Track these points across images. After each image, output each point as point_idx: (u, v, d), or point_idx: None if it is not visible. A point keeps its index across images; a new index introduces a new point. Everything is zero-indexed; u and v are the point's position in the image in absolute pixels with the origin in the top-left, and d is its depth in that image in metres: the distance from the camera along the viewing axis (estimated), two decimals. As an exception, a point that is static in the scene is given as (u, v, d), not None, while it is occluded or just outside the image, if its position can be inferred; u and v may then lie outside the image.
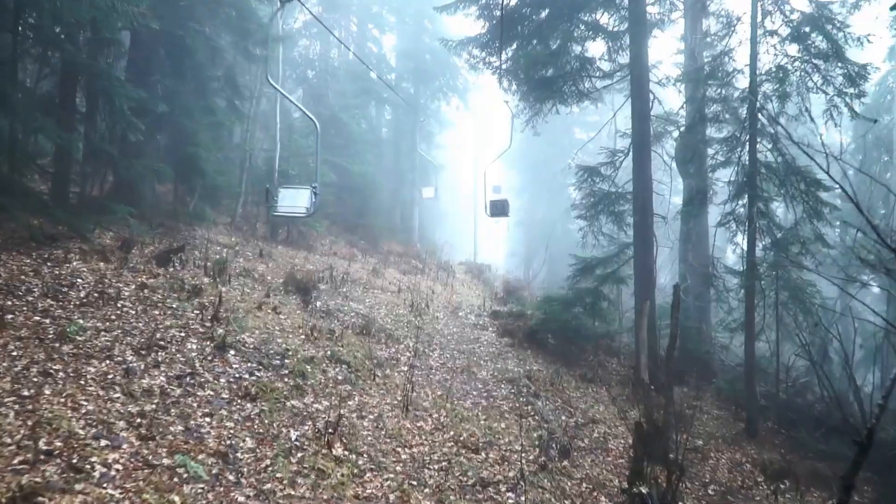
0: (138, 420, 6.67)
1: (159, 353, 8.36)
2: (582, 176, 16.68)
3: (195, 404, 7.50)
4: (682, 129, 19.44)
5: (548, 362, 15.75)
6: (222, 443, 6.89)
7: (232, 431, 7.22)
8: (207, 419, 7.28)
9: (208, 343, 9.20)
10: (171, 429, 6.77)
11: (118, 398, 6.97)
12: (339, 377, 10.15)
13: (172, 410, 7.16)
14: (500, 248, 57.90)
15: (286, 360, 9.72)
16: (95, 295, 9.42)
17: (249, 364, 9.14)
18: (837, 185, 6.34)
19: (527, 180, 43.72)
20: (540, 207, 42.82)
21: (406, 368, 12.18)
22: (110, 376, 7.37)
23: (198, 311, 10.23)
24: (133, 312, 9.37)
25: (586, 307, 17.01)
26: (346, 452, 7.80)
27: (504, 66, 18.18)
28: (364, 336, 13.23)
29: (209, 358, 8.83)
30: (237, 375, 8.66)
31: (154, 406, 7.05)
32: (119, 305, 9.40)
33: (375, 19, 36.51)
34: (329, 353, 10.76)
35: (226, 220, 20.37)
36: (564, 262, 40.63)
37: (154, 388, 7.47)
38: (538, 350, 16.43)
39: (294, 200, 10.85)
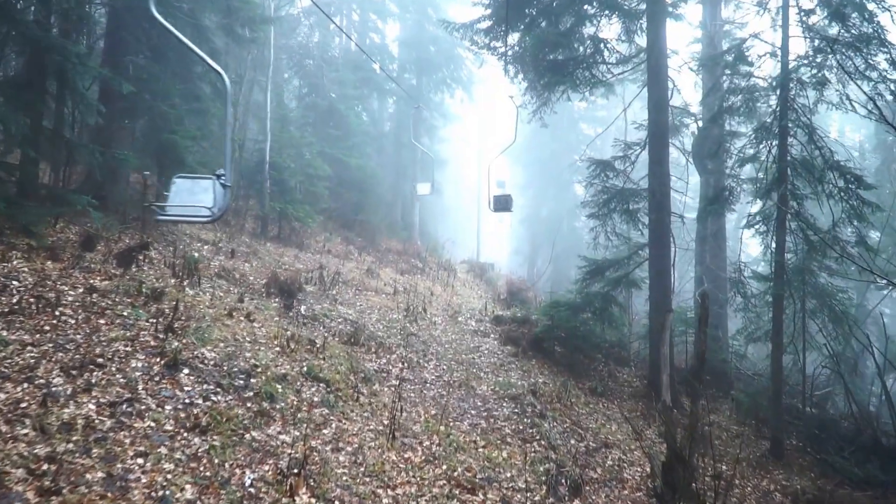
0: (45, 466, 5.31)
1: (94, 374, 7.00)
2: (594, 170, 15.26)
3: (127, 441, 6.13)
4: (700, 121, 18.07)
5: (554, 374, 14.40)
6: (153, 493, 5.53)
7: (169, 476, 5.86)
8: (140, 461, 5.91)
9: (158, 360, 7.82)
10: (88, 476, 5.42)
11: (25, 435, 5.61)
12: (316, 398, 8.79)
13: (95, 451, 5.79)
14: (504, 245, 56.61)
15: (252, 380, 8.36)
16: (30, 301, 8.06)
17: (205, 386, 7.77)
18: None
19: (532, 176, 42.37)
20: (545, 204, 41.48)
21: (397, 383, 10.84)
22: (23, 405, 6.01)
23: (153, 320, 8.84)
24: (72, 322, 8.00)
25: (595, 312, 15.65)
26: (313, 500, 6.43)
27: (510, 52, 16.77)
28: (351, 346, 11.91)
29: (156, 379, 7.45)
30: (187, 401, 7.28)
31: (71, 445, 5.70)
32: (57, 313, 8.03)
33: (377, 7, 35.10)
34: (306, 368, 9.40)
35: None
36: (570, 261, 39.68)
37: (77, 419, 6.11)
38: (544, 360, 15.07)
39: (189, 197, 6.20)
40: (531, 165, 42.17)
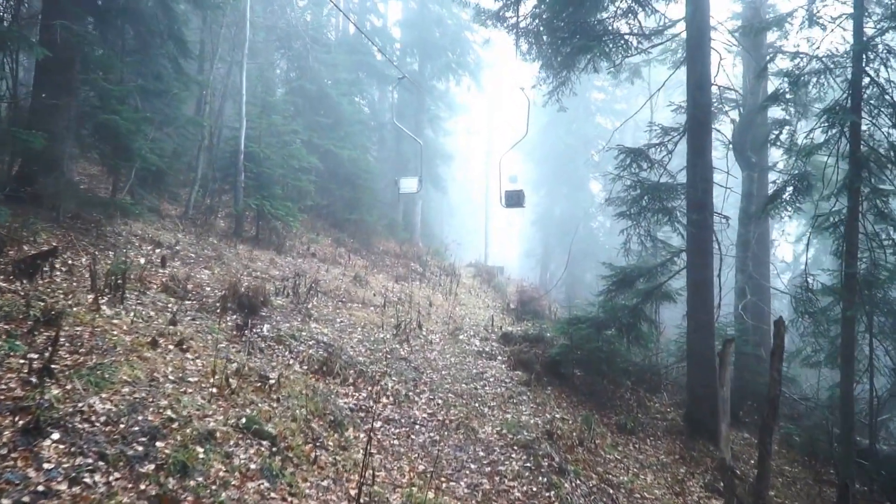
0: None
1: None
2: (623, 161, 12.65)
3: None
4: (742, 107, 15.56)
5: (573, 406, 11.99)
6: None
7: None
8: None
9: (15, 420, 5.37)
10: None
11: None
12: (253, 465, 6.31)
13: None
14: (514, 246, 54.20)
15: (158, 443, 5.87)
16: None
17: (80, 459, 5.27)
18: None
19: (545, 173, 39.87)
20: (559, 203, 39.00)
21: (377, 426, 8.47)
22: None
23: (28, 357, 6.39)
24: None
25: (622, 330, 13.20)
26: None
27: (523, 23, 14.31)
28: (322, 377, 9.56)
29: (3, 452, 5.01)
30: (41, 488, 4.83)
31: None
32: None
33: (378, -14, 32.66)
34: (245, 419, 6.91)
35: (178, 212, 16.60)
36: (586, 265, 37.07)
37: None
38: (561, 388, 12.65)
39: None
40: (544, 161, 39.67)
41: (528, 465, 8.70)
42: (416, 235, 31.15)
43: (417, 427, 9.25)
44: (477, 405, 10.61)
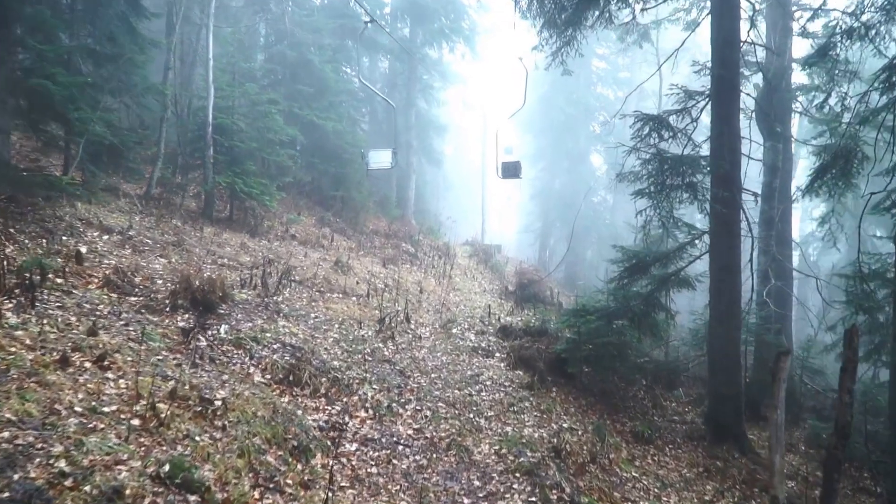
0: None
1: None
2: (640, 130, 10.95)
3: None
4: (769, 70, 13.92)
5: (583, 411, 10.50)
6: None
7: None
8: None
9: None
10: None
11: None
12: (172, 533, 4.79)
13: None
14: (513, 222, 52.59)
15: (32, 514, 4.33)
16: None
17: None
18: None
19: (544, 146, 38.03)
20: (559, 177, 37.30)
21: (353, 449, 7.00)
22: None
23: None
24: None
25: (634, 320, 11.64)
26: None
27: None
28: (287, 388, 8.01)
29: None
30: None
31: None
32: None
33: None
34: (172, 463, 5.33)
35: (140, 192, 14.97)
36: (587, 241, 35.42)
37: None
38: (567, 389, 11.16)
39: None
40: (543, 133, 37.81)
41: (534, 499, 7.17)
42: (409, 213, 29.45)
43: (401, 448, 7.74)
44: (472, 416, 9.08)
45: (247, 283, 11.17)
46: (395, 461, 7.42)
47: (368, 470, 7.04)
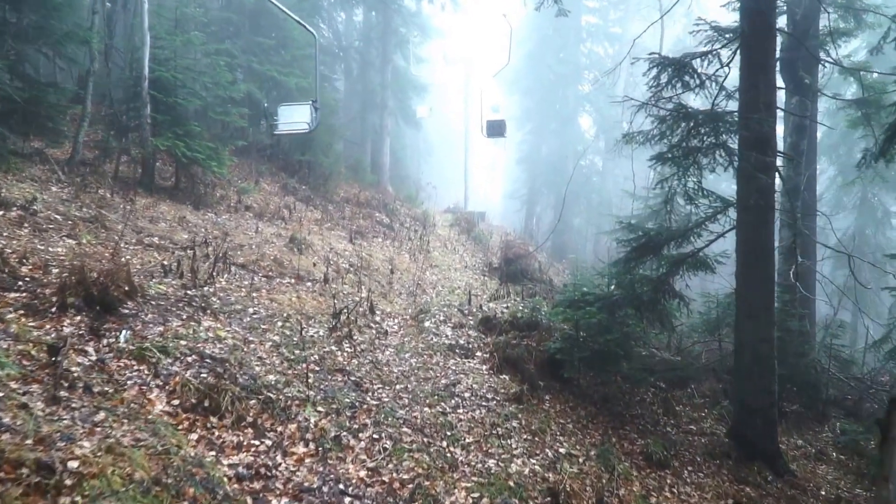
0: None
1: None
2: (656, 77, 8.73)
3: None
4: (798, 13, 11.88)
5: (582, 426, 8.58)
6: None
7: None
8: None
9: None
10: None
11: None
12: None
13: None
14: (498, 187, 50.51)
15: None
16: None
17: None
18: None
19: (531, 107, 35.83)
20: (546, 141, 35.17)
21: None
22: None
23: None
24: None
25: (641, 309, 9.70)
26: None
27: None
28: (201, 419, 6.03)
29: None
30: None
31: None
32: None
33: None
34: None
35: (63, 156, 12.83)
36: (576, 210, 33.26)
37: None
38: (563, 397, 9.22)
39: None
40: (530, 93, 35.56)
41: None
42: (385, 179, 27.26)
43: (348, 501, 5.77)
44: (445, 445, 7.10)
45: (171, 270, 9.08)
46: (336, 520, 5.49)
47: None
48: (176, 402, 6.15)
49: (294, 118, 9.97)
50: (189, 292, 8.58)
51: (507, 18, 14.60)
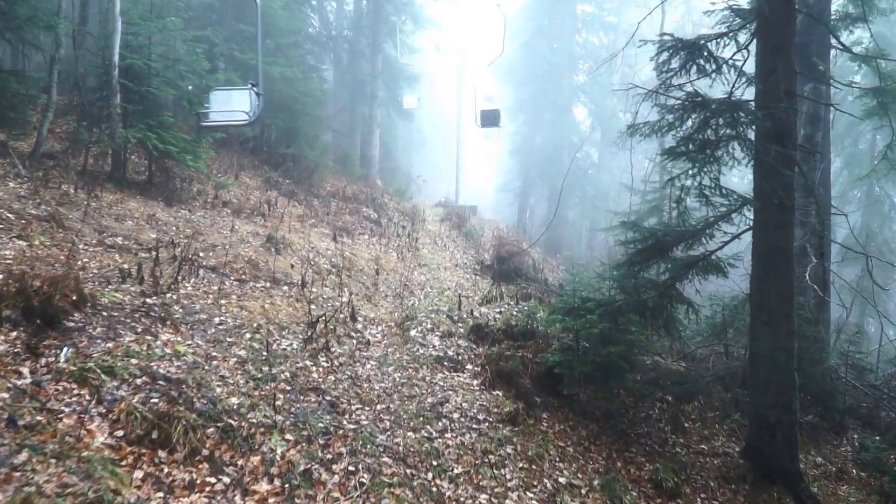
0: None
1: None
2: (667, 61, 7.79)
3: None
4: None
5: (584, 449, 7.77)
6: None
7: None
8: None
9: None
10: None
11: None
12: None
13: None
14: (490, 180, 49.62)
15: None
16: None
17: None
18: None
19: (525, 98, 35.02)
20: (540, 131, 34.34)
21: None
22: None
23: None
24: None
25: (645, 315, 8.89)
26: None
27: None
28: (147, 452, 5.24)
29: None
30: None
31: None
32: None
33: None
34: None
35: (29, 148, 11.99)
36: (570, 203, 32.41)
37: None
38: (562, 415, 8.42)
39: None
40: (524, 84, 34.75)
41: None
42: (374, 172, 26.32)
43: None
44: (430, 477, 6.27)
45: (130, 275, 8.23)
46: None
47: None
48: (119, 433, 5.33)
49: (230, 106, 8.46)
50: (148, 300, 7.72)
51: (500, 8, 14.21)
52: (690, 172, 7.28)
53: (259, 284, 9.83)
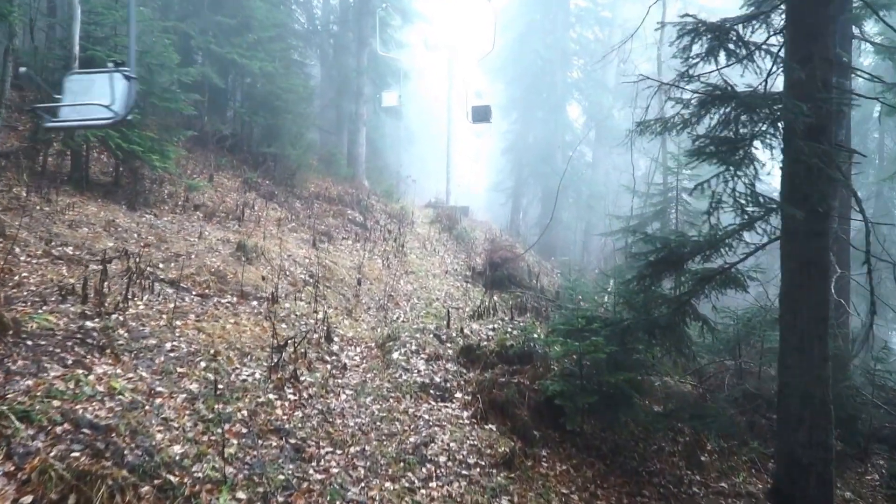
0: None
1: None
2: (687, 47, 6.71)
3: None
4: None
5: (591, 498, 6.69)
6: None
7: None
8: None
9: None
10: None
11: None
12: None
13: None
14: (482, 179, 48.61)
15: None
16: None
17: None
18: None
19: (517, 95, 34.06)
20: (532, 130, 33.40)
21: None
22: None
23: None
24: None
25: (656, 335, 7.88)
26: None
27: None
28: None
29: None
30: None
31: None
32: None
33: None
34: None
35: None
36: (564, 203, 31.33)
37: None
38: (565, 453, 7.38)
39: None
40: (516, 81, 33.77)
41: None
42: (361, 171, 25.24)
43: None
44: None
45: (72, 293, 7.18)
46: None
47: None
48: (28, 498, 4.29)
49: (90, 97, 5.53)
50: (88, 324, 6.67)
51: (491, 2, 12.14)
52: (724, 177, 6.22)
53: (224, 300, 8.78)
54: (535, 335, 9.44)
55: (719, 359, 11.29)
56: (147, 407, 5.63)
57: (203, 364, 6.69)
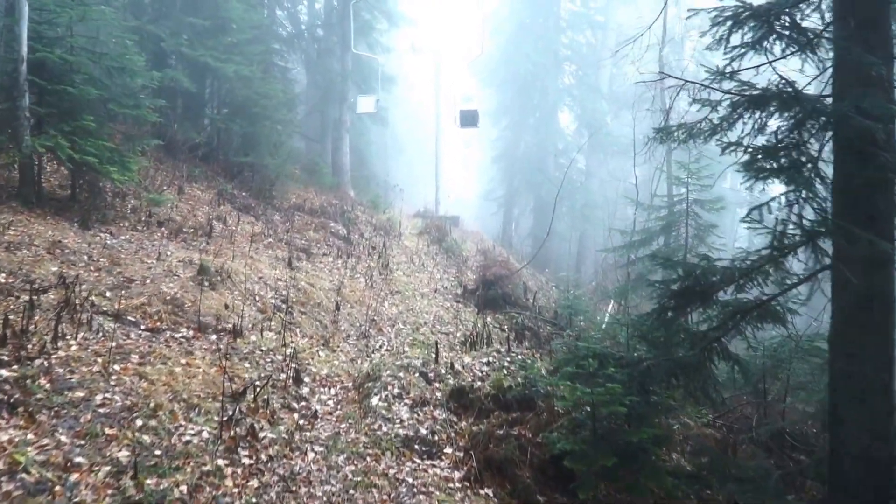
0: None
1: None
2: (726, 36, 5.56)
3: None
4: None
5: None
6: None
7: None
8: None
9: None
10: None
11: None
12: None
13: None
14: (472, 187, 47.62)
15: None
16: None
17: None
18: None
19: (507, 101, 33.19)
20: (524, 137, 32.50)
21: None
22: None
23: None
24: None
25: (680, 376, 6.71)
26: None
27: None
28: None
29: None
30: None
31: None
32: None
33: None
34: None
35: None
36: (558, 213, 30.46)
37: None
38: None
39: None
40: (507, 86, 32.81)
41: None
42: (346, 181, 24.10)
43: None
44: None
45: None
46: None
47: None
48: None
49: None
50: (2, 373, 5.47)
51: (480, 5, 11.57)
52: (789, 198, 5.07)
53: (178, 334, 7.57)
54: (537, 371, 8.23)
55: (740, 392, 10.16)
56: (58, 488, 4.43)
57: (139, 422, 5.47)
